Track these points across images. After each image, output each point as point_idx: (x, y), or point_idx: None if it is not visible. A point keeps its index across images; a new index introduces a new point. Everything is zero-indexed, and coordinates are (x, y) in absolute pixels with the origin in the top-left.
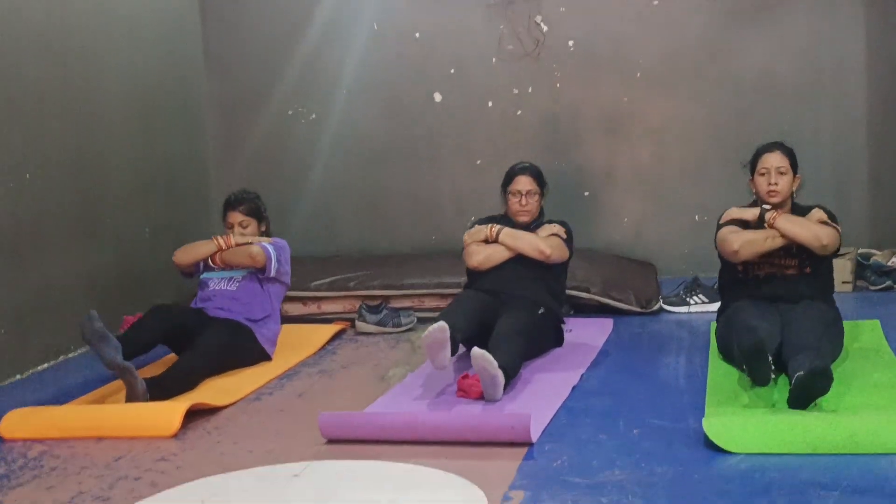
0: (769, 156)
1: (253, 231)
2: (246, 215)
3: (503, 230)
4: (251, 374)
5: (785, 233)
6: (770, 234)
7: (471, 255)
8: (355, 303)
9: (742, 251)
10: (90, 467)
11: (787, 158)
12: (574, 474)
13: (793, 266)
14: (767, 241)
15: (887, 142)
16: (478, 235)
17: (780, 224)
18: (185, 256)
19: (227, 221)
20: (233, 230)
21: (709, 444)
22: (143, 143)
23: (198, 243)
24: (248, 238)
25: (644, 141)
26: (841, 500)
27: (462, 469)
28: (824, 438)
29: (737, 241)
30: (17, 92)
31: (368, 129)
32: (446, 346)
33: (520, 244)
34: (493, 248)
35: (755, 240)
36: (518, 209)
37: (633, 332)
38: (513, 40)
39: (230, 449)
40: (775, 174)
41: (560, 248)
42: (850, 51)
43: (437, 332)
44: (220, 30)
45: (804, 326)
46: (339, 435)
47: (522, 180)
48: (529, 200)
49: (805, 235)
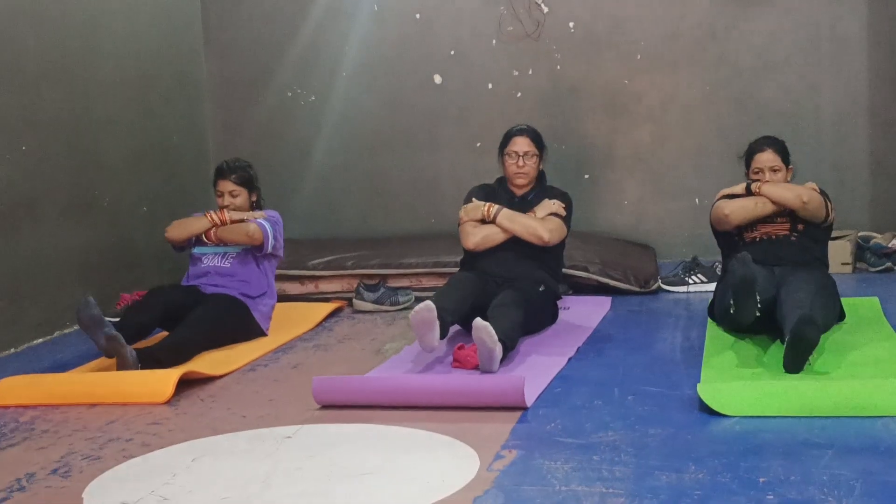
0: (761, 156)
1: (244, 201)
2: (237, 185)
3: (501, 211)
4: (246, 347)
5: (771, 196)
6: (759, 200)
7: (467, 236)
8: (353, 282)
9: (733, 215)
10: (82, 430)
11: (778, 156)
12: (567, 435)
13: (784, 224)
14: (758, 206)
15: (888, 124)
16: (474, 214)
17: (765, 190)
18: (177, 232)
19: (217, 190)
20: (223, 199)
21: (703, 409)
22: (142, 118)
23: (191, 219)
24: (242, 214)
25: (645, 123)
26: (834, 459)
27: (455, 432)
28: (819, 401)
29: (727, 206)
30: (14, 64)
31: (368, 111)
32: (434, 327)
33: (517, 228)
34: (490, 230)
35: (745, 205)
36: (515, 171)
37: (632, 310)
38: (513, 21)
39: (223, 414)
40: (769, 173)
41: (559, 229)
42: (851, 32)
43: (423, 311)
44: (219, 7)
45: (797, 288)
46: (333, 400)
47: (519, 141)
48: (527, 162)
49: (788, 195)
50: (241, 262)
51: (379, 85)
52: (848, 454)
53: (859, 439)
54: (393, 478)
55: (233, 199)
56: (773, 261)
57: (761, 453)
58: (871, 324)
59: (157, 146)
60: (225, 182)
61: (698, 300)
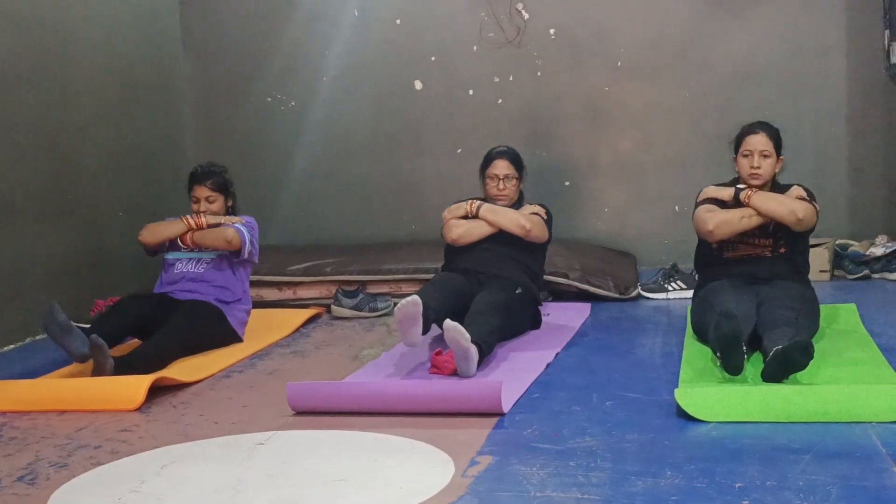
0: (753, 137)
1: (220, 207)
2: (213, 190)
3: (483, 205)
4: (222, 353)
5: (760, 210)
6: (746, 212)
7: (450, 229)
8: (332, 288)
9: (717, 231)
10: (50, 437)
11: (771, 141)
12: (544, 441)
13: (767, 246)
14: (743, 220)
15: (867, 132)
16: (457, 211)
17: (755, 202)
18: (152, 236)
19: (192, 196)
20: (199, 205)
21: (681, 415)
22: (120, 123)
23: (166, 222)
24: (219, 218)
25: (626, 130)
26: (811, 464)
27: (431, 438)
28: (796, 407)
29: (712, 221)
30: None
31: (349, 117)
32: (418, 322)
33: (500, 219)
34: (474, 223)
35: (730, 219)
36: (496, 193)
37: (611, 316)
38: (494, 28)
39: (195, 420)
40: (758, 157)
41: (540, 225)
42: (831, 39)
43: (409, 306)
44: (199, 13)
45: (781, 304)
46: (308, 406)
47: (500, 164)
48: (507, 185)
49: (780, 211)
50: (216, 267)
51: (360, 90)
52: (825, 459)
53: (836, 445)
54: (366, 484)
55: (209, 204)
56: (753, 280)
57: (738, 459)
58: (849, 330)
59: (136, 151)
60: (201, 188)
61: (678, 307)
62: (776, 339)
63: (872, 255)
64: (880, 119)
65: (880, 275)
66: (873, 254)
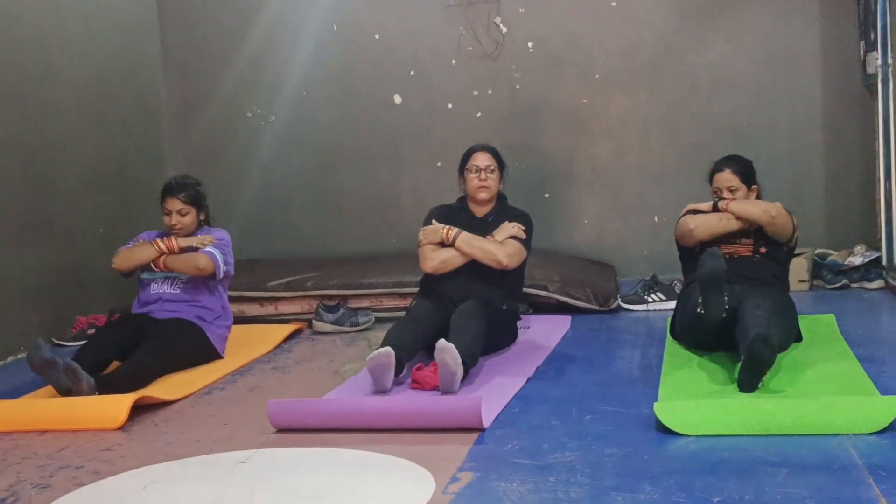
0: (720, 175)
1: (192, 219)
2: (185, 203)
3: (460, 235)
4: (203, 371)
5: (736, 213)
6: (724, 215)
7: (425, 260)
8: (313, 303)
9: (697, 230)
10: (31, 458)
11: (736, 176)
12: (524, 456)
13: (748, 244)
14: (722, 221)
15: (843, 141)
16: (433, 237)
17: (732, 207)
18: (124, 262)
19: (165, 208)
20: (171, 217)
21: (660, 428)
22: (98, 140)
23: (138, 247)
24: (191, 240)
25: (603, 141)
26: (789, 476)
27: (412, 454)
28: (773, 419)
29: (693, 221)
30: None
31: (328, 131)
32: (389, 371)
33: (476, 252)
34: (449, 254)
35: (710, 220)
36: (477, 184)
37: (591, 329)
38: (472, 41)
39: (177, 439)
40: (727, 193)
41: (518, 253)
42: (805, 48)
43: (382, 357)
44: (178, 29)
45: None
46: (289, 423)
47: (480, 156)
48: (489, 176)
49: (755, 211)
50: (192, 286)
51: (339, 104)
52: (802, 472)
53: (814, 457)
54: (347, 501)
55: (181, 217)
56: (734, 279)
57: (717, 472)
58: (827, 341)
59: (114, 168)
60: (173, 200)
61: (657, 318)
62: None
63: (851, 265)
64: (856, 128)
65: (859, 284)
66: (852, 263)
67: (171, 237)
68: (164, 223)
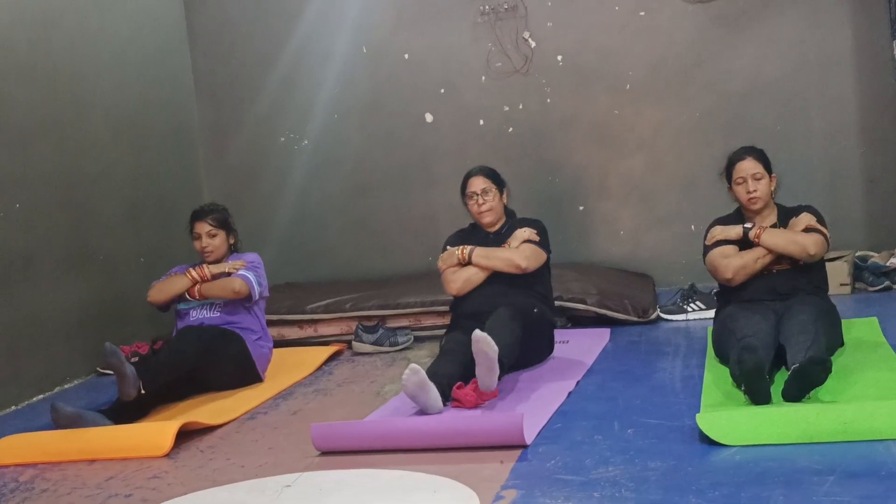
0: (742, 164)
1: (222, 241)
2: (213, 226)
3: (475, 251)
4: (245, 395)
5: (771, 248)
6: (759, 253)
7: (449, 284)
8: (352, 324)
9: (736, 277)
10: (81, 487)
11: (759, 163)
12: (567, 472)
13: (786, 258)
14: (758, 261)
15: (880, 141)
16: (450, 260)
17: (765, 241)
18: (159, 294)
19: (194, 232)
20: (201, 241)
21: (703, 440)
22: (135, 170)
23: (171, 279)
24: (223, 266)
25: (636, 152)
26: (836, 485)
27: (455, 473)
28: (818, 426)
29: (729, 269)
30: (4, 121)
31: (361, 153)
32: (428, 387)
33: (494, 263)
34: (469, 272)
35: (746, 263)
36: (478, 210)
37: (631, 341)
38: (501, 57)
39: (222, 465)
40: (752, 181)
41: (535, 255)
42: (837, 51)
43: (412, 377)
44: (208, 57)
45: (800, 310)
46: (332, 446)
47: (475, 181)
48: (487, 199)
49: (791, 249)
50: (231, 309)
51: (371, 126)
52: (849, 479)
53: (860, 464)
54: None
55: (210, 239)
56: (773, 296)
57: (763, 482)
58: (871, 345)
59: (152, 197)
60: (202, 223)
61: (697, 328)
62: (795, 350)
63: (893, 266)
64: (892, 128)
65: None
66: (893, 264)
67: (203, 265)
68: (195, 249)
